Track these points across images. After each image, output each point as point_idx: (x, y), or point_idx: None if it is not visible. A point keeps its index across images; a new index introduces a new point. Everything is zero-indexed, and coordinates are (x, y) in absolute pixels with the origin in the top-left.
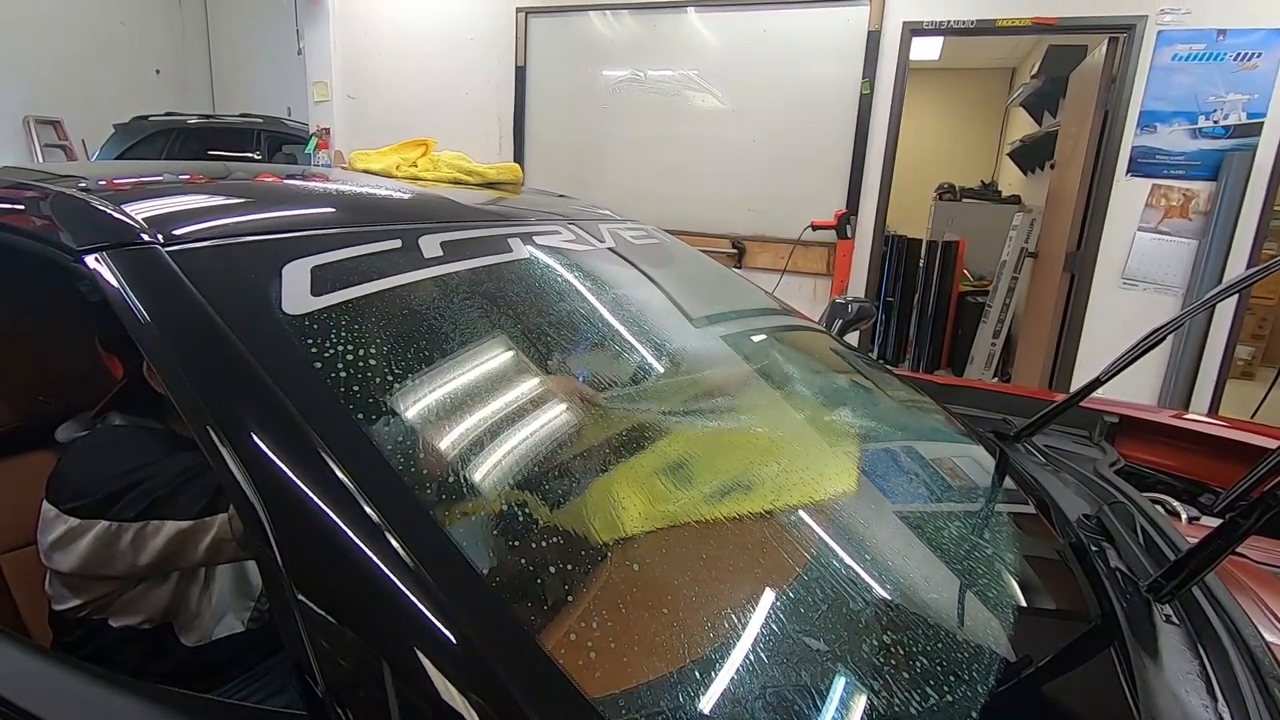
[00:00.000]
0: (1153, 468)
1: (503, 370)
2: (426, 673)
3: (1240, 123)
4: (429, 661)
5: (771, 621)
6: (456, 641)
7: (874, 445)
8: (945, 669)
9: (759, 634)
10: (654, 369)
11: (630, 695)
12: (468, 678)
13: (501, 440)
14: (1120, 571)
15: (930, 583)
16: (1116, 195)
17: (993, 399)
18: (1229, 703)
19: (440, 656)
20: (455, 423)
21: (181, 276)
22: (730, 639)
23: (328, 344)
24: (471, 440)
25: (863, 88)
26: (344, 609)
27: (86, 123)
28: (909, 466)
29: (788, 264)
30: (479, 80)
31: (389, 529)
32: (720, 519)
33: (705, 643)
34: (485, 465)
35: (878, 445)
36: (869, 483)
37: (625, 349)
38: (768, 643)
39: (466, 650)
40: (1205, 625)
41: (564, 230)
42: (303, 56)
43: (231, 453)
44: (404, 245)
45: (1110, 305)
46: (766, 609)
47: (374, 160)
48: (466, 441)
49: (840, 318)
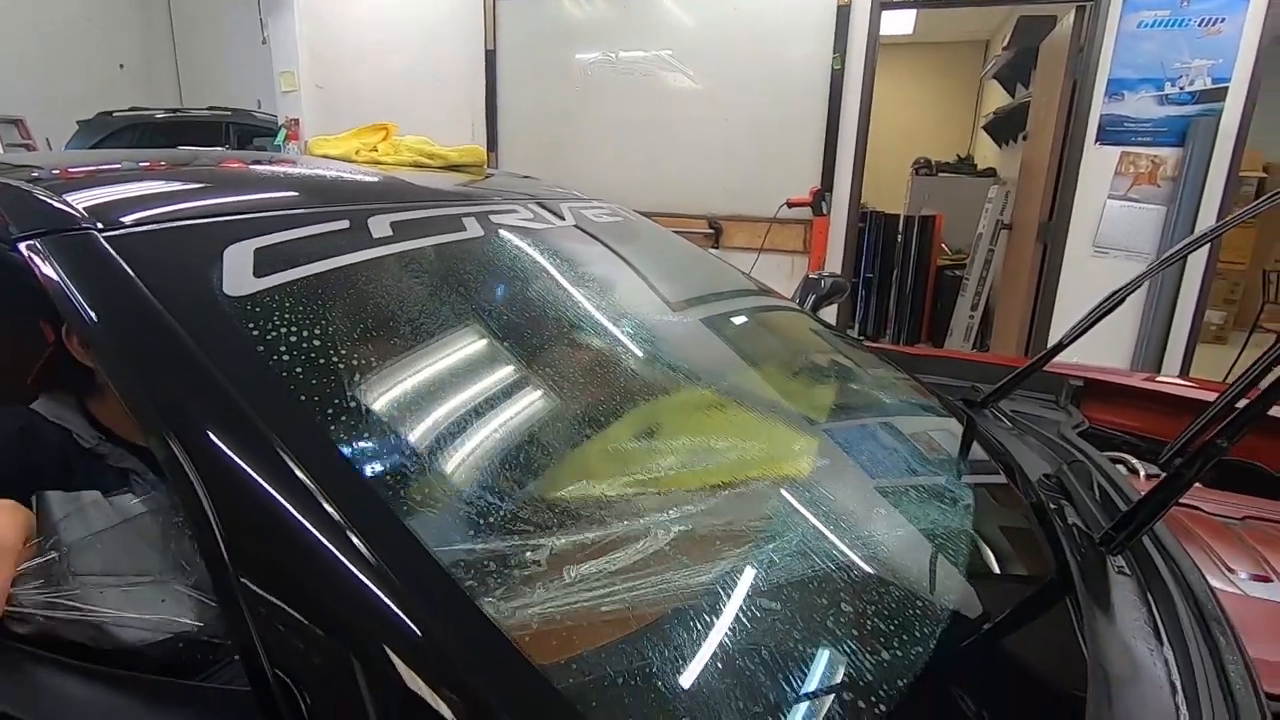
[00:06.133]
0: (1116, 428)
1: (452, 349)
2: (387, 656)
3: (1205, 88)
4: (389, 649)
5: (727, 585)
6: (410, 620)
7: (839, 414)
8: (900, 627)
9: (717, 597)
10: (615, 346)
11: (581, 660)
12: (421, 658)
13: (438, 411)
14: (1077, 527)
15: (891, 545)
16: (1086, 164)
17: (963, 367)
18: (1173, 646)
19: (392, 635)
20: (393, 396)
21: (118, 260)
22: (688, 601)
23: (269, 325)
24: (407, 410)
25: (834, 63)
26: (287, 589)
27: (50, 121)
28: (874, 434)
29: (764, 242)
30: (449, 66)
31: (328, 501)
32: (679, 491)
33: (663, 609)
34: (420, 426)
35: (843, 414)
36: (832, 451)
37: (583, 327)
38: (722, 606)
39: (423, 631)
40: (1155, 574)
41: (522, 209)
42: (268, 46)
43: (169, 432)
44: (352, 226)
45: (1083, 273)
46: (722, 573)
47: (333, 146)
48: (402, 412)
49: (814, 293)
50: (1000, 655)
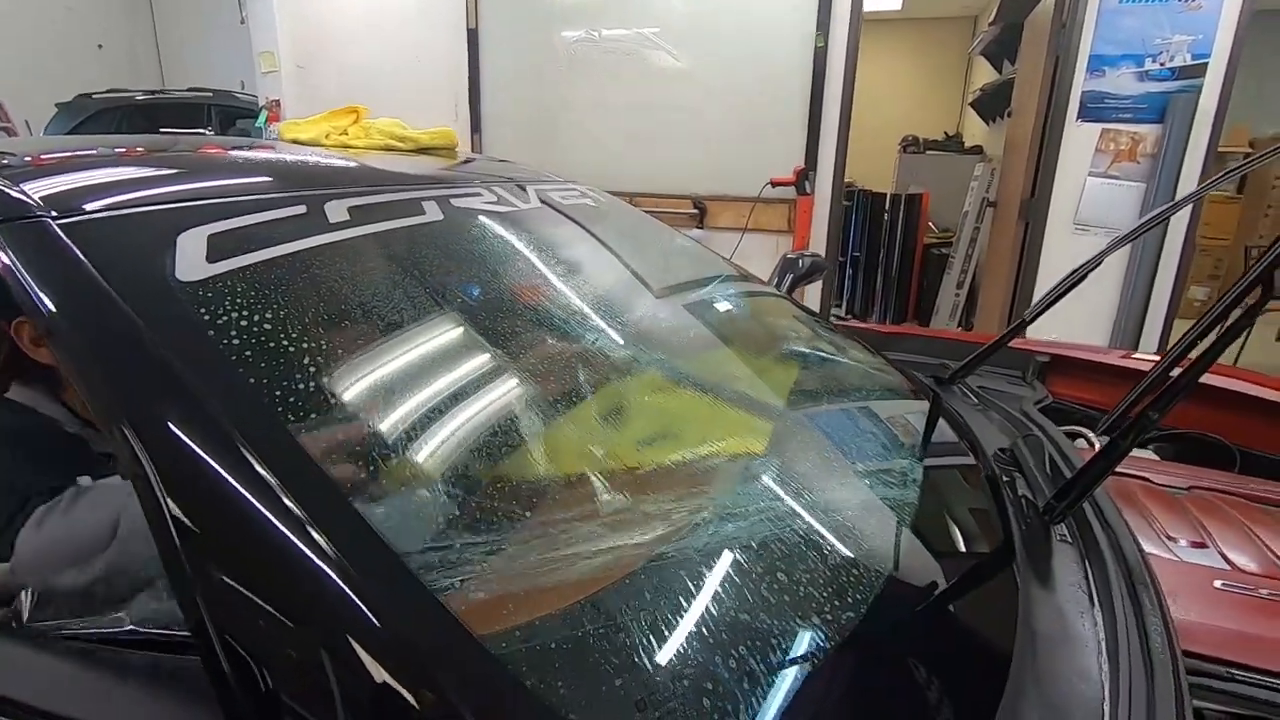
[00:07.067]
0: (1078, 402)
1: (406, 335)
2: (349, 645)
3: (1185, 64)
4: (351, 639)
5: (676, 559)
6: (368, 607)
7: (801, 393)
8: (841, 592)
9: (666, 570)
10: (574, 330)
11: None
12: (372, 637)
13: (382, 392)
14: (1025, 498)
15: (843, 518)
16: (1068, 141)
17: (937, 345)
18: (1101, 608)
19: (350, 621)
20: (341, 378)
21: (71, 247)
22: (631, 574)
23: (220, 310)
24: (351, 389)
25: (817, 40)
26: (244, 572)
27: (29, 102)
28: (836, 412)
29: (748, 222)
30: (430, 45)
31: (271, 475)
32: (633, 470)
33: (613, 581)
34: (366, 407)
35: (805, 392)
36: (790, 429)
37: (542, 311)
38: (658, 578)
39: (380, 616)
40: (1093, 542)
41: (486, 191)
42: (246, 26)
43: (117, 415)
44: (309, 211)
45: (1063, 251)
46: (671, 547)
47: (303, 130)
48: (346, 391)
49: (791, 272)
50: (940, 619)
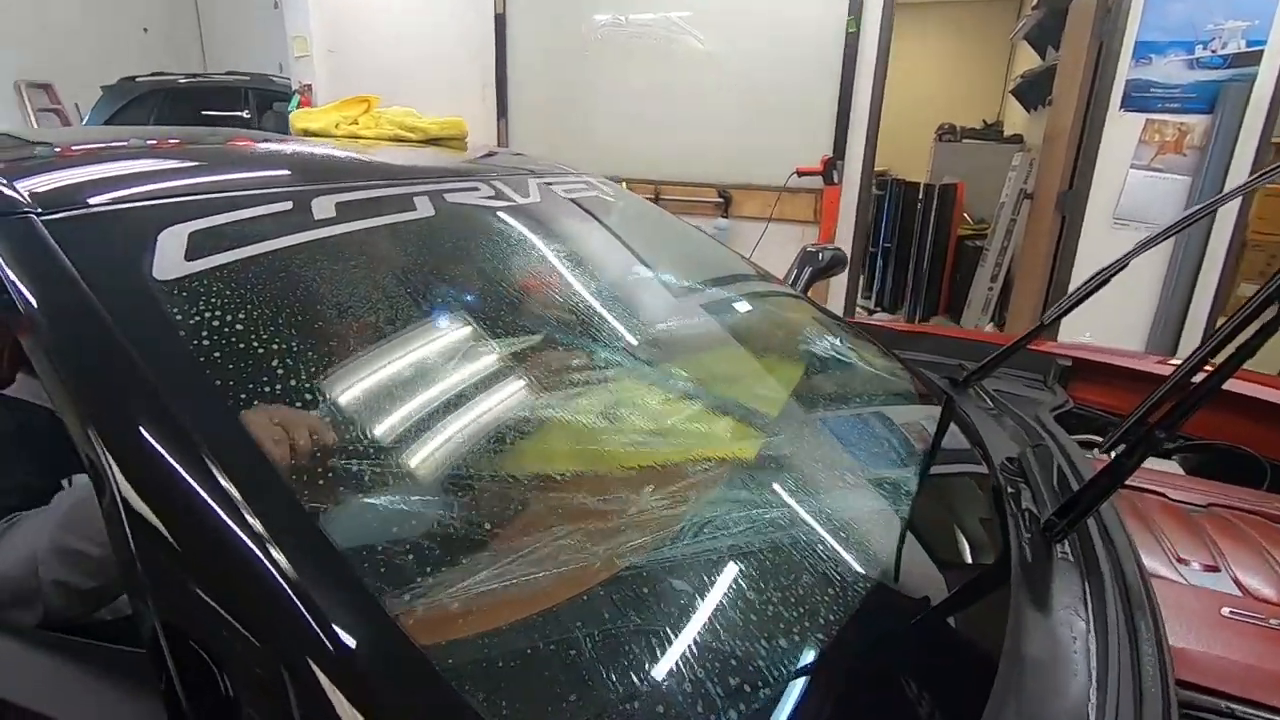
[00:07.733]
0: (1102, 409)
1: (390, 336)
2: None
3: (1239, 51)
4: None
5: (659, 566)
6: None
7: (807, 395)
8: (825, 606)
9: (646, 576)
10: (566, 330)
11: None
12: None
13: (357, 395)
14: (1029, 512)
15: (839, 528)
16: (1109, 131)
17: (951, 345)
18: (1095, 631)
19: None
20: (316, 379)
21: (52, 244)
22: (610, 580)
23: (194, 309)
24: (322, 391)
25: (848, 25)
26: (203, 580)
27: (78, 85)
28: (842, 416)
29: (774, 212)
30: (459, 30)
31: (229, 482)
32: (616, 477)
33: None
34: (337, 408)
35: (812, 394)
36: (795, 432)
37: (533, 310)
38: (651, 587)
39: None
40: (1095, 563)
41: (484, 186)
42: (279, 10)
43: (81, 412)
44: (295, 207)
45: (1101, 246)
46: (656, 554)
47: (314, 120)
48: (316, 394)
49: (811, 265)
50: (924, 638)
